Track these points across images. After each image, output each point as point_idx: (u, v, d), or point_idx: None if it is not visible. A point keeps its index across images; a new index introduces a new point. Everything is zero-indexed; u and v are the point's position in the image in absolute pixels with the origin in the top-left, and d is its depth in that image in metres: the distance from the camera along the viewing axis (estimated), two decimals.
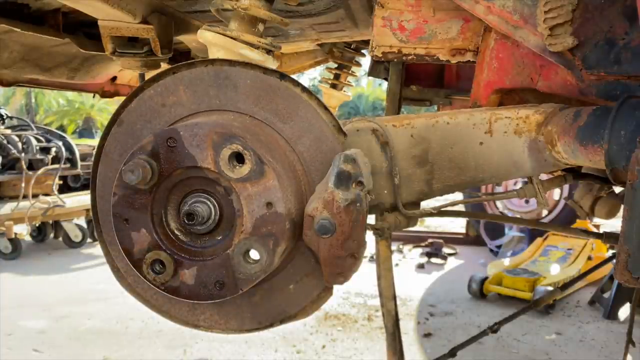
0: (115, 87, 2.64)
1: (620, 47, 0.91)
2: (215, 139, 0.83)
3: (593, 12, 0.93)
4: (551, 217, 6.38)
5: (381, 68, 2.16)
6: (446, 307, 4.77)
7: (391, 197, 1.04)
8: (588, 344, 4.00)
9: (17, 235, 6.25)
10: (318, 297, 0.99)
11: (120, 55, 1.60)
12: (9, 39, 1.72)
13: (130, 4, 1.37)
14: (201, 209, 0.85)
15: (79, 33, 1.79)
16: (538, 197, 1.12)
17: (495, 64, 1.10)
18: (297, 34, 1.92)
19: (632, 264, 0.75)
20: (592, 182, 1.51)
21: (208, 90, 0.95)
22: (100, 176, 0.99)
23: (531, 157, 0.98)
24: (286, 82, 0.95)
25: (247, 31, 1.14)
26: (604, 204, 1.91)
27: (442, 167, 1.03)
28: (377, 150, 1.03)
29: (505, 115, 0.99)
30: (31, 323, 4.23)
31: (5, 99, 31.43)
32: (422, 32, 1.16)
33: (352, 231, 0.86)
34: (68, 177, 7.24)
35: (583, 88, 0.99)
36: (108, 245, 1.02)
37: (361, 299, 4.92)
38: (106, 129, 0.99)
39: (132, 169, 0.82)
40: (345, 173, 0.86)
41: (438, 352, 3.10)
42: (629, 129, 0.82)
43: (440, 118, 1.02)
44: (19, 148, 6.44)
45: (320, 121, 0.95)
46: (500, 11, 1.00)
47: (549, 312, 4.57)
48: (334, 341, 4.00)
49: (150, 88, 0.96)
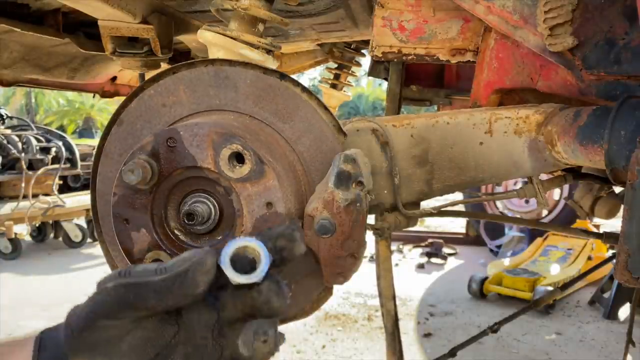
0: (115, 87, 2.64)
1: (620, 47, 0.91)
2: (215, 139, 0.83)
3: (593, 12, 0.93)
4: (551, 217, 6.38)
5: (381, 68, 2.16)
6: (446, 307, 4.77)
7: (391, 197, 1.04)
8: (588, 344, 4.00)
9: (17, 235, 6.25)
10: (318, 297, 0.99)
11: (120, 55, 1.60)
12: (9, 38, 1.72)
13: (130, 3, 1.37)
14: (201, 209, 0.85)
15: (79, 33, 1.79)
16: (538, 197, 1.12)
17: (495, 64, 1.10)
18: (297, 34, 1.92)
19: (632, 264, 0.75)
20: (592, 182, 1.51)
21: (208, 90, 0.95)
22: (100, 176, 0.99)
23: (531, 157, 0.98)
24: (286, 82, 0.95)
25: (247, 31, 1.14)
26: (604, 204, 1.91)
27: (442, 167, 1.03)
28: (377, 150, 1.03)
29: (505, 115, 0.99)
30: (31, 323, 4.23)
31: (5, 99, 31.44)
32: (422, 32, 1.16)
33: (352, 231, 0.86)
34: (68, 177, 7.24)
35: (583, 88, 0.99)
36: (108, 245, 1.02)
37: (361, 299, 4.92)
38: (106, 129, 0.99)
39: (132, 169, 0.82)
40: (345, 173, 0.86)
41: (438, 352, 3.10)
42: (629, 128, 0.82)
43: (440, 118, 1.02)
44: (19, 148, 6.44)
45: (320, 121, 0.95)
46: (500, 11, 1.00)
47: (549, 312, 4.57)
48: (334, 341, 4.00)
49: (150, 88, 0.96)
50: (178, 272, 0.60)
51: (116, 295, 0.60)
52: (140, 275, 0.61)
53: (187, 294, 0.60)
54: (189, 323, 0.64)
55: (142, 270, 0.62)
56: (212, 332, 0.64)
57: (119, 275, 0.62)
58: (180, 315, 0.64)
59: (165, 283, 0.60)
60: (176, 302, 0.61)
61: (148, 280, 0.60)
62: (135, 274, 0.61)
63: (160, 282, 0.60)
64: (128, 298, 0.60)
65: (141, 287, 0.60)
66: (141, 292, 0.60)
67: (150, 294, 0.60)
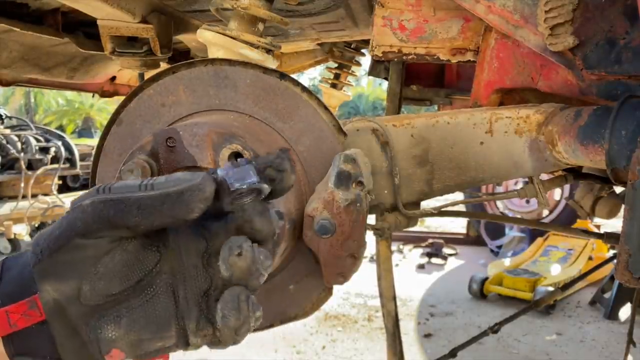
0: (114, 86, 2.64)
1: (621, 46, 0.91)
2: (215, 138, 0.83)
3: (594, 11, 0.93)
4: (552, 217, 6.38)
5: (381, 68, 2.16)
6: (446, 308, 4.77)
7: (391, 197, 1.03)
8: (589, 344, 4.00)
9: (16, 236, 6.25)
10: (318, 297, 0.98)
11: (119, 55, 1.60)
12: (8, 38, 1.72)
13: (129, 3, 1.37)
14: None
15: (78, 32, 1.79)
16: (539, 197, 1.12)
17: (496, 64, 1.10)
18: (297, 34, 1.92)
19: (632, 264, 0.74)
20: (593, 182, 1.51)
21: (208, 90, 0.95)
22: (100, 176, 0.99)
23: (532, 157, 0.98)
24: (286, 82, 0.94)
25: (246, 31, 1.14)
26: (605, 204, 1.91)
27: (443, 167, 1.03)
28: (377, 150, 1.03)
29: (505, 115, 0.99)
30: None
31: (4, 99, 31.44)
32: (423, 31, 1.16)
33: (352, 231, 0.86)
34: (67, 177, 7.25)
35: (584, 88, 0.99)
36: None
37: (361, 299, 4.92)
38: (105, 128, 0.98)
39: (132, 169, 0.82)
40: (345, 173, 0.86)
41: (438, 353, 3.10)
42: (630, 128, 0.81)
43: (440, 118, 1.02)
44: (18, 148, 6.44)
45: (320, 121, 0.95)
46: (500, 11, 1.00)
47: (549, 313, 4.57)
48: (334, 341, 4.00)
49: (149, 88, 0.96)
50: (169, 192, 0.55)
51: (93, 211, 0.55)
52: (122, 190, 0.56)
53: (177, 216, 0.55)
54: (176, 250, 0.59)
55: (124, 186, 0.56)
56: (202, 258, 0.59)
57: (97, 192, 0.56)
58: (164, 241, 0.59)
59: (151, 201, 0.55)
60: (162, 222, 0.56)
61: (130, 196, 0.55)
62: (116, 190, 0.56)
63: (146, 198, 0.55)
64: (107, 214, 0.55)
65: (123, 203, 0.55)
66: (122, 207, 0.54)
67: (133, 210, 0.54)
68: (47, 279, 0.55)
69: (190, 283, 0.58)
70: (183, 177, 0.57)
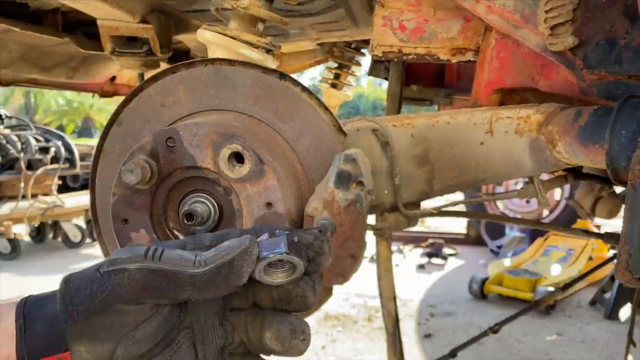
0: (114, 86, 2.64)
1: (621, 46, 0.91)
2: (215, 138, 0.83)
3: (594, 11, 0.93)
4: (552, 217, 6.38)
5: (381, 68, 2.16)
6: (447, 308, 4.77)
7: (391, 197, 1.03)
8: (589, 344, 4.00)
9: (16, 236, 6.24)
10: (318, 297, 0.98)
11: (119, 55, 1.60)
12: (7, 38, 1.72)
13: (129, 3, 1.37)
14: (200, 209, 0.85)
15: (78, 32, 1.79)
16: (539, 197, 1.12)
17: (496, 64, 1.10)
18: (297, 34, 1.92)
19: (633, 264, 0.74)
20: (593, 182, 1.51)
21: (207, 90, 0.95)
22: (100, 176, 0.99)
23: (532, 157, 0.98)
24: (286, 82, 0.94)
25: (246, 30, 1.14)
26: (605, 204, 1.91)
27: (443, 167, 1.03)
28: (377, 150, 1.03)
29: (506, 115, 0.99)
30: None
31: (4, 99, 31.44)
32: (423, 31, 1.16)
33: (352, 231, 0.86)
34: (67, 177, 7.25)
35: (584, 88, 0.99)
36: (107, 246, 1.02)
37: (361, 299, 4.92)
38: (105, 128, 0.98)
39: (132, 169, 0.82)
40: (345, 173, 0.85)
41: (439, 353, 3.09)
42: (630, 128, 0.81)
43: (440, 118, 1.02)
44: (18, 148, 6.44)
45: (320, 121, 0.95)
46: (501, 10, 1.00)
47: (549, 313, 4.57)
48: (334, 342, 4.00)
49: (149, 87, 0.96)
50: (221, 264, 0.56)
51: (143, 280, 0.55)
52: (174, 261, 0.56)
53: (229, 286, 0.56)
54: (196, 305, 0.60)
55: (177, 258, 0.56)
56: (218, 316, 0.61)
57: (145, 256, 0.56)
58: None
59: (206, 277, 0.55)
60: (215, 294, 0.57)
61: (185, 272, 0.55)
62: (168, 260, 0.56)
63: (201, 274, 0.55)
64: (158, 286, 0.55)
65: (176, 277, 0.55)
66: (176, 282, 0.55)
67: (187, 286, 0.55)
68: (81, 340, 0.55)
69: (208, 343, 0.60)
70: (232, 245, 0.58)
